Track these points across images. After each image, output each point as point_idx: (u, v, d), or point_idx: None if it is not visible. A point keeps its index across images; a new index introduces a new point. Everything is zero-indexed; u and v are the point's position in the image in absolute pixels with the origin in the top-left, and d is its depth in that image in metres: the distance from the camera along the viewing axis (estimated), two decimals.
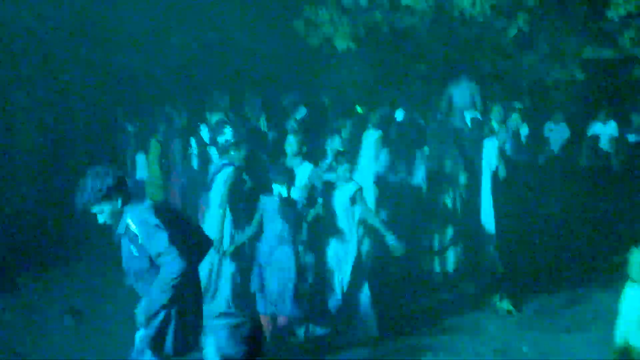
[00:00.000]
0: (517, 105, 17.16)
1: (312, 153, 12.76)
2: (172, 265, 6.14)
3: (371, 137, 12.53)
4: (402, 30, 15.69)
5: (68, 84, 15.78)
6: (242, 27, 16.68)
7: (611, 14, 14.33)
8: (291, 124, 13.29)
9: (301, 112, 14.15)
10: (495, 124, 13.02)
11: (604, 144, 17.52)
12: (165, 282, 6.16)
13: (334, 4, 15.05)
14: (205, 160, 11.90)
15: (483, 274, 12.19)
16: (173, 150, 13.27)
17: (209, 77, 16.29)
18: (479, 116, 12.99)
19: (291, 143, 10.58)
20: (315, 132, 14.20)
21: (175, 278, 6.13)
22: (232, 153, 10.40)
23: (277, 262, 9.29)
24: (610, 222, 14.41)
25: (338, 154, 10.27)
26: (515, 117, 14.44)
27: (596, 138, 17.50)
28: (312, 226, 10.08)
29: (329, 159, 11.51)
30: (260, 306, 9.32)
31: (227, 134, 10.85)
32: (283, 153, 10.80)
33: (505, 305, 10.97)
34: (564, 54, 18.23)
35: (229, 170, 10.19)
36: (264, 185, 10.00)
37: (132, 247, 6.32)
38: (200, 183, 11.61)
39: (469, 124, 12.77)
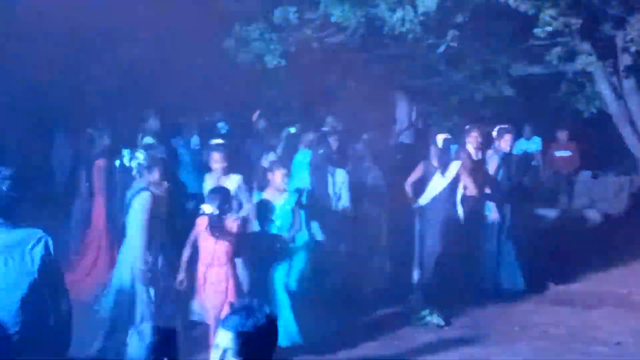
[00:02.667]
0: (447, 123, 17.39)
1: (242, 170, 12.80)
2: None
3: (303, 158, 12.51)
4: (332, 47, 15.77)
5: None
6: (173, 45, 16.62)
7: (539, 31, 14.54)
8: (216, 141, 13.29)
9: (223, 129, 14.17)
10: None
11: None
12: None
13: (264, 21, 15.09)
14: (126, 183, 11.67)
15: (413, 288, 12.24)
16: (93, 172, 13.00)
17: (139, 97, 16.16)
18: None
19: (216, 160, 10.61)
20: (244, 149, 14.24)
21: None
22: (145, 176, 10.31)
23: (212, 283, 9.27)
24: (538, 236, 14.59)
25: (273, 165, 10.32)
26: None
27: (525, 154, 17.75)
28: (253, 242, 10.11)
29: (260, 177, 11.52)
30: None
31: (139, 158, 10.72)
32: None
33: (435, 319, 11.04)
34: (493, 70, 18.46)
35: (144, 194, 10.03)
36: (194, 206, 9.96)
37: None
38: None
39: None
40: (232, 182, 10.50)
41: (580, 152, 18.75)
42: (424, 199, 12.36)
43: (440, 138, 12.68)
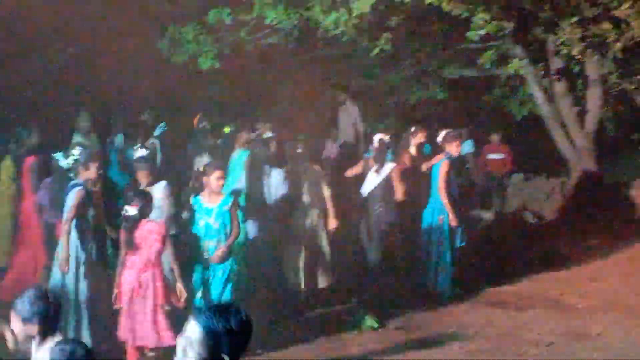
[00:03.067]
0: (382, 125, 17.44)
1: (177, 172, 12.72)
2: None
3: (239, 158, 12.48)
4: (267, 49, 15.74)
5: None
6: (108, 45, 16.45)
7: (471, 34, 14.65)
8: (150, 142, 13.18)
9: (160, 129, 14.07)
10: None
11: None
12: None
13: (198, 22, 15.01)
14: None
15: (347, 290, 12.25)
16: (23, 171, 12.80)
17: (71, 96, 15.99)
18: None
19: (140, 177, 10.59)
20: (179, 151, 14.15)
21: None
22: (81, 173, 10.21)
23: (139, 287, 9.20)
24: (471, 238, 14.67)
25: (208, 167, 10.25)
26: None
27: (461, 157, 17.86)
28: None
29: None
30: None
31: (75, 154, 10.61)
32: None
33: (369, 321, 11.04)
34: (427, 73, 18.58)
35: (77, 190, 9.93)
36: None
37: None
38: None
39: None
40: (157, 190, 10.44)
41: (513, 155, 18.91)
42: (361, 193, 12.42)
43: (376, 138, 12.71)
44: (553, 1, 15.10)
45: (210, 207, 9.98)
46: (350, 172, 12.73)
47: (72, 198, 9.87)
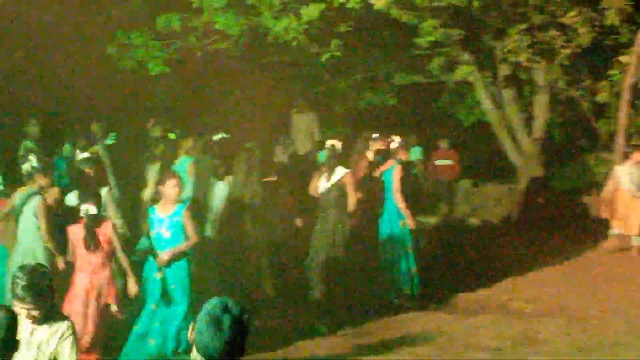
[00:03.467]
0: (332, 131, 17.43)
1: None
2: None
3: (182, 165, 12.45)
4: (216, 55, 15.71)
5: None
6: (56, 50, 16.32)
7: (420, 41, 14.74)
8: (101, 150, 13.10)
9: (110, 140, 14.00)
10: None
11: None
12: None
13: (147, 28, 14.95)
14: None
15: (301, 297, 12.24)
16: None
17: (20, 102, 15.81)
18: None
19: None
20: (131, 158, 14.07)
21: None
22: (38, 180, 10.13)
23: (85, 290, 9.15)
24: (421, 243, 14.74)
25: (164, 176, 10.19)
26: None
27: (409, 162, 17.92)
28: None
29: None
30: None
31: (32, 161, 10.50)
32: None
33: (319, 327, 11.05)
34: (376, 79, 18.66)
35: (39, 199, 9.88)
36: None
37: None
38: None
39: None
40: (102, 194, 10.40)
41: (461, 161, 19.04)
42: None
43: (328, 144, 12.69)
44: (501, 9, 15.25)
45: (162, 217, 9.91)
46: (313, 188, 12.53)
47: (36, 207, 9.83)
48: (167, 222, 9.87)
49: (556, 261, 14.44)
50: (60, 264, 9.84)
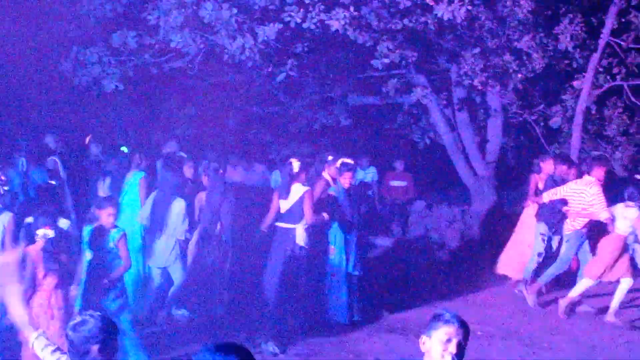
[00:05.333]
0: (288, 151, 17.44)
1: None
2: None
3: (135, 178, 12.43)
4: (171, 73, 15.68)
5: None
6: (7, 65, 16.18)
7: (376, 62, 14.79)
8: (50, 159, 13.02)
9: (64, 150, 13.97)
10: None
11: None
12: None
13: (103, 44, 14.88)
14: None
15: (250, 316, 12.19)
16: None
17: None
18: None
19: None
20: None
21: None
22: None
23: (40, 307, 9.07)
24: (373, 265, 14.76)
25: (101, 202, 10.09)
26: None
27: (362, 183, 17.95)
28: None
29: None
30: None
31: None
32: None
33: (270, 347, 11.01)
34: (331, 100, 18.69)
35: (8, 216, 9.82)
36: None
37: None
38: None
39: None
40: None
41: (415, 183, 19.11)
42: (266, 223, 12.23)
43: (287, 163, 12.68)
44: (456, 32, 15.36)
45: (101, 239, 9.84)
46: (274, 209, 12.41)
47: (8, 225, 9.79)
48: (106, 244, 9.82)
49: (506, 283, 14.54)
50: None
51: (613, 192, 12.95)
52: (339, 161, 12.60)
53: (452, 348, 5.17)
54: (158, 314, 11.83)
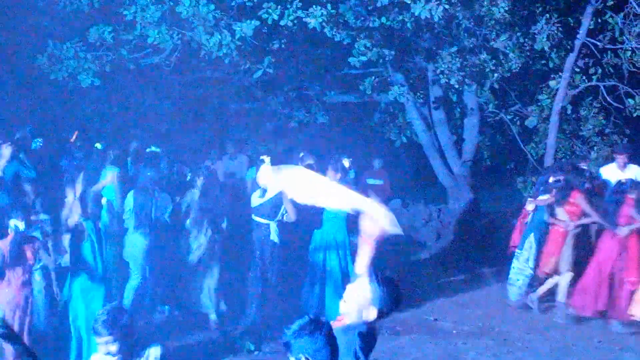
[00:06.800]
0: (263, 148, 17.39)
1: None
2: None
3: (109, 173, 12.41)
4: (148, 68, 15.60)
5: None
6: None
7: (353, 60, 14.79)
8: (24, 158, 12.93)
9: (35, 144, 13.87)
10: None
11: None
12: None
13: (79, 39, 14.79)
14: None
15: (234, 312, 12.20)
16: None
17: None
18: None
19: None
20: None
21: None
22: None
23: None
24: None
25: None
26: None
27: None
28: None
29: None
30: None
31: None
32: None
33: (247, 345, 11.00)
34: (308, 97, 18.67)
35: None
36: None
37: None
38: None
39: None
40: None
41: (392, 181, 19.10)
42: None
43: (260, 160, 12.70)
44: (433, 31, 15.39)
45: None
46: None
47: None
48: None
49: (483, 283, 14.59)
50: None
51: None
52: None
53: None
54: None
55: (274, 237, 11.73)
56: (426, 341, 11.76)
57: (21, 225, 9.13)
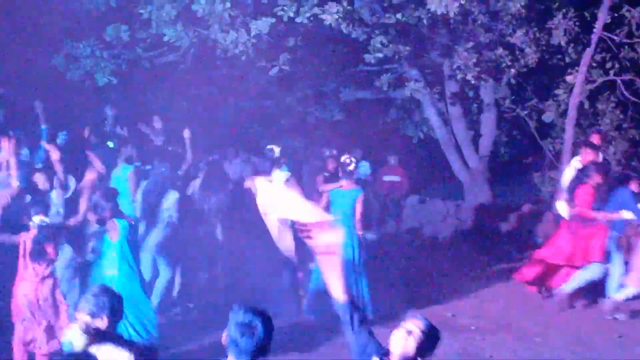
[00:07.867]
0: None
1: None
2: None
3: (123, 172, 12.41)
4: (164, 67, 15.64)
5: None
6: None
7: (369, 57, 14.78)
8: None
9: (61, 138, 13.92)
10: None
11: None
12: None
13: (95, 38, 14.84)
14: None
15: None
16: None
17: None
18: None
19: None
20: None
21: None
22: None
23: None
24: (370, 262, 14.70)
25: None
26: None
27: (358, 179, 17.89)
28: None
29: None
30: None
31: None
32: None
33: None
34: (324, 94, 18.68)
35: None
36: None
37: None
38: None
39: None
40: (56, 196, 10.33)
41: (409, 177, 19.07)
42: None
43: (268, 149, 12.70)
44: (449, 26, 15.35)
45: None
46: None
47: None
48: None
49: (501, 278, 14.53)
50: None
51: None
52: (344, 157, 12.64)
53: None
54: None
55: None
56: (444, 337, 11.68)
57: (45, 220, 9.15)
